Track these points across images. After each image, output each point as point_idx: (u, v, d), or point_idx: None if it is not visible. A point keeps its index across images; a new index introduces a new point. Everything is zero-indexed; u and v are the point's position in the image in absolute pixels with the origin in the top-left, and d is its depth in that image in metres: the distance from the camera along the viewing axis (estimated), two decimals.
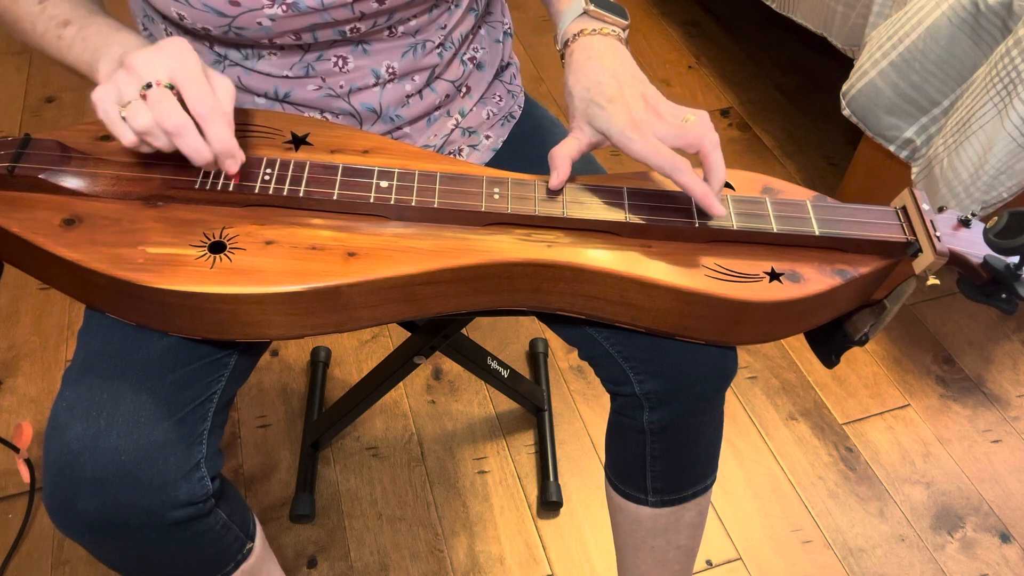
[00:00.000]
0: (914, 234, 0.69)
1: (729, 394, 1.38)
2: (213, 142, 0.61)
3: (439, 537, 1.22)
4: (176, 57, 0.60)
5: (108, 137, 0.70)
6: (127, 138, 0.60)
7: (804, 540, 1.23)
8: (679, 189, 0.71)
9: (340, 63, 0.75)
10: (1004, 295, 0.70)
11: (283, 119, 0.74)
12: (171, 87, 0.60)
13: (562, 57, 0.75)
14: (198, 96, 0.60)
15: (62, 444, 0.63)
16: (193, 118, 0.60)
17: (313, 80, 0.75)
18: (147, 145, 0.61)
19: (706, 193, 0.66)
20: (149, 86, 0.59)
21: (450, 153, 0.86)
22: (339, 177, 0.68)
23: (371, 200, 0.67)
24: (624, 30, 0.75)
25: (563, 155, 0.70)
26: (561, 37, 0.75)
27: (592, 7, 0.74)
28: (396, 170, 0.69)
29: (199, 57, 0.62)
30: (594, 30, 0.73)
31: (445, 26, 0.79)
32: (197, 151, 0.60)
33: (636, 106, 0.68)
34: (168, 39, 0.62)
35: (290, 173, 0.67)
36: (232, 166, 0.63)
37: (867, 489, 1.30)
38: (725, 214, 0.68)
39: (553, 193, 0.69)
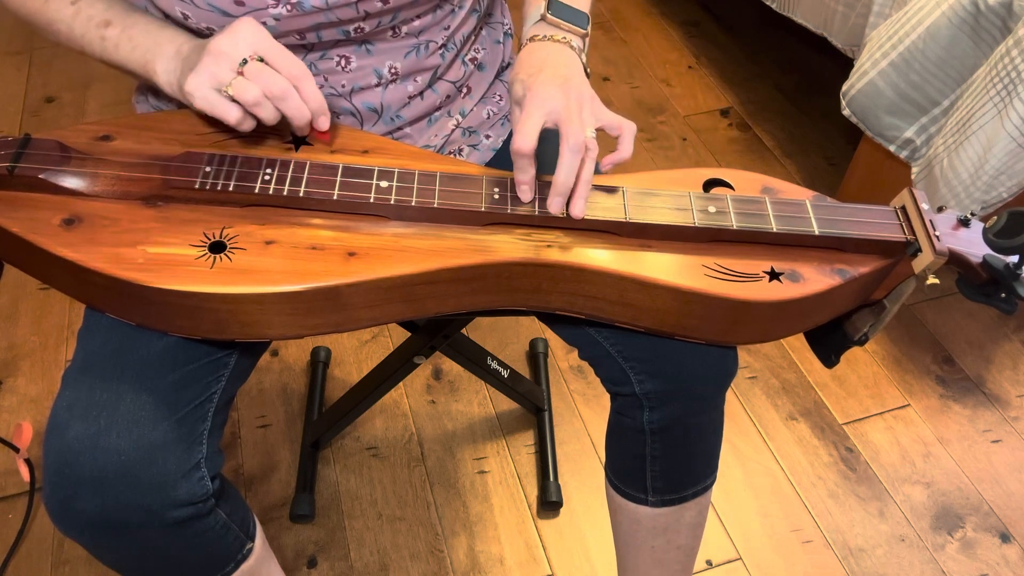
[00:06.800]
0: (913, 234, 0.69)
1: (729, 394, 1.38)
2: (310, 100, 0.66)
3: (439, 537, 1.22)
4: (254, 33, 0.64)
5: (108, 137, 0.70)
6: (234, 115, 0.64)
7: (804, 540, 1.23)
8: (678, 190, 0.71)
9: (343, 62, 0.75)
10: (1003, 295, 0.70)
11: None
12: (260, 60, 0.64)
13: None
14: (289, 63, 0.65)
15: (62, 444, 0.63)
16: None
17: (315, 79, 0.75)
18: (249, 120, 0.65)
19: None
20: (244, 63, 0.63)
21: (450, 153, 0.86)
22: (339, 177, 0.68)
23: (371, 200, 0.67)
24: (582, 38, 0.75)
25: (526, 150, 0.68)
26: (522, 43, 0.76)
27: (549, 14, 0.74)
28: (396, 170, 0.69)
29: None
30: (545, 36, 0.73)
31: (448, 27, 0.80)
32: (299, 110, 0.65)
33: (547, 79, 0.68)
34: (238, 21, 0.65)
35: (290, 173, 0.67)
36: (324, 123, 0.68)
37: (867, 489, 1.30)
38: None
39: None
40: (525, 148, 0.65)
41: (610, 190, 0.71)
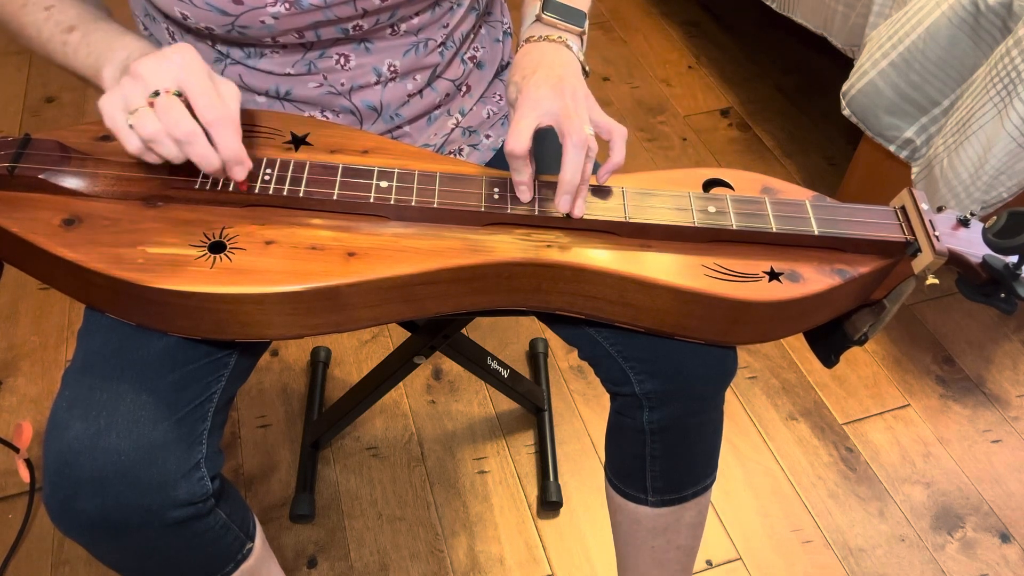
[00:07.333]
0: (913, 234, 0.69)
1: (729, 394, 1.38)
2: (222, 149, 0.60)
3: (439, 537, 1.22)
4: (182, 64, 0.60)
5: (108, 137, 0.70)
6: (132, 145, 0.60)
7: (804, 540, 1.23)
8: (678, 190, 0.71)
9: (342, 61, 0.75)
10: (1003, 295, 0.70)
11: (283, 119, 0.74)
12: (179, 94, 0.59)
13: None
14: (207, 104, 0.59)
15: (62, 444, 0.63)
16: (202, 126, 0.59)
17: (315, 77, 0.75)
18: (152, 153, 0.60)
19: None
20: (157, 94, 0.59)
21: (450, 153, 0.86)
22: (339, 177, 0.68)
23: (371, 200, 0.67)
24: (580, 37, 0.75)
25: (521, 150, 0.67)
26: (519, 45, 0.76)
27: (545, 15, 0.74)
28: (396, 170, 0.69)
29: (204, 62, 0.61)
30: (541, 37, 0.73)
31: (447, 25, 0.80)
32: (206, 158, 0.60)
33: (540, 80, 0.68)
34: (174, 46, 0.61)
35: (290, 173, 0.67)
36: (240, 173, 0.62)
37: (867, 489, 1.30)
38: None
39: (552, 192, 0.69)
40: (518, 149, 0.65)
41: (610, 190, 0.71)
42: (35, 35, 0.69)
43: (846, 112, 1.48)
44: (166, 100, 0.58)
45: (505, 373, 1.26)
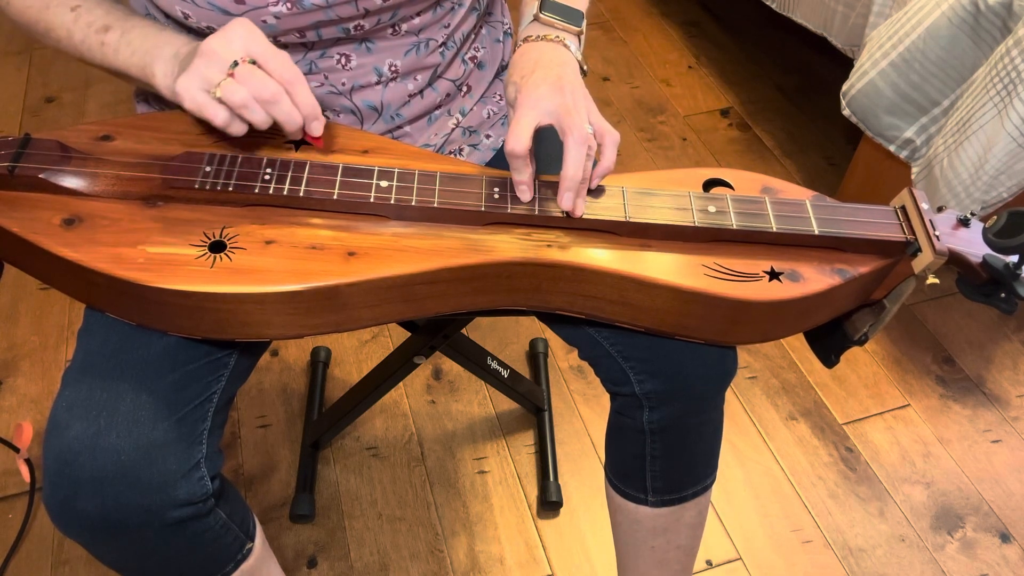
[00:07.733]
0: (913, 233, 0.69)
1: (729, 394, 1.38)
2: (302, 106, 0.64)
3: (439, 537, 1.22)
4: (247, 35, 0.63)
5: (108, 137, 0.70)
6: (221, 117, 0.63)
7: (804, 540, 1.23)
8: (678, 190, 0.71)
9: (343, 60, 0.75)
10: (1003, 295, 0.70)
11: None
12: (252, 63, 0.62)
13: None
14: (282, 65, 0.63)
15: (62, 444, 0.63)
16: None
17: (315, 77, 0.75)
18: (238, 123, 0.64)
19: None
20: (235, 64, 0.62)
21: (451, 153, 0.86)
22: (339, 177, 0.68)
23: (371, 200, 0.67)
24: (577, 36, 0.75)
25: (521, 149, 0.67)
26: (516, 45, 0.76)
27: (543, 14, 0.74)
28: (396, 170, 0.69)
29: (262, 32, 0.64)
30: (539, 36, 0.73)
31: (448, 25, 0.80)
32: (291, 115, 0.64)
33: (539, 79, 0.68)
34: (233, 21, 0.64)
35: (290, 173, 0.67)
36: (318, 128, 0.67)
37: (867, 489, 1.30)
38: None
39: (553, 192, 0.69)
40: (518, 149, 0.65)
41: (610, 190, 0.71)
42: (65, 36, 0.70)
43: (846, 112, 1.48)
44: (246, 68, 0.62)
45: (505, 373, 1.26)
